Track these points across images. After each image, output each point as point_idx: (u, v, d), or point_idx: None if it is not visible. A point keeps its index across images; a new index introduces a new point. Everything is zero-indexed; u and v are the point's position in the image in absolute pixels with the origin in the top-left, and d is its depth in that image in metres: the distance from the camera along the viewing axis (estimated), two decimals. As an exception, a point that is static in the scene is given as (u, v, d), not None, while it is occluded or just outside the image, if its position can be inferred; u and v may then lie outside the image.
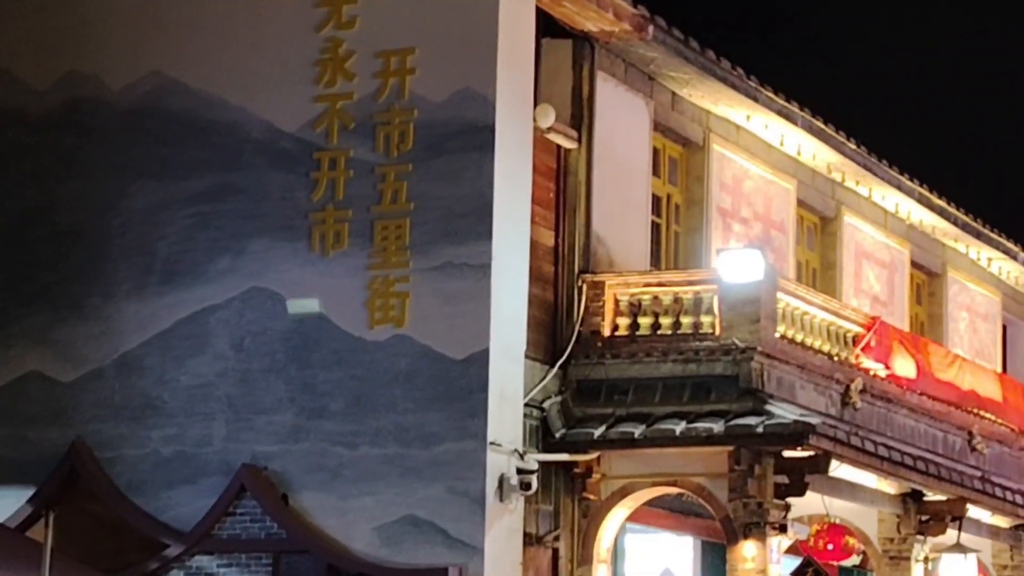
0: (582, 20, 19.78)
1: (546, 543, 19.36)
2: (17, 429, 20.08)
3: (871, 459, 20.19)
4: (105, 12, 20.42)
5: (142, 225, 20.01)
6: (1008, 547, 25.53)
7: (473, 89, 18.83)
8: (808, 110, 23.30)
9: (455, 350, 18.60)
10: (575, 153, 20.18)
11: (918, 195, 26.44)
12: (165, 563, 19.14)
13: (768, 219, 23.90)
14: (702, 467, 19.40)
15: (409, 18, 19.13)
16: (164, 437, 19.56)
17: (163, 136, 20.02)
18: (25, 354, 20.23)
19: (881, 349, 22.23)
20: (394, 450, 18.70)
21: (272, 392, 19.25)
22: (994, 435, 25.24)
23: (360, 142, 19.21)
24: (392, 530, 18.53)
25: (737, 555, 19.15)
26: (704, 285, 19.91)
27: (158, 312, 19.79)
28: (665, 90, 21.73)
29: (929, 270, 28.54)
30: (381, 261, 19.03)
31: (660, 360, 19.71)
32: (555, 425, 19.50)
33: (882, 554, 22.46)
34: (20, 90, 20.64)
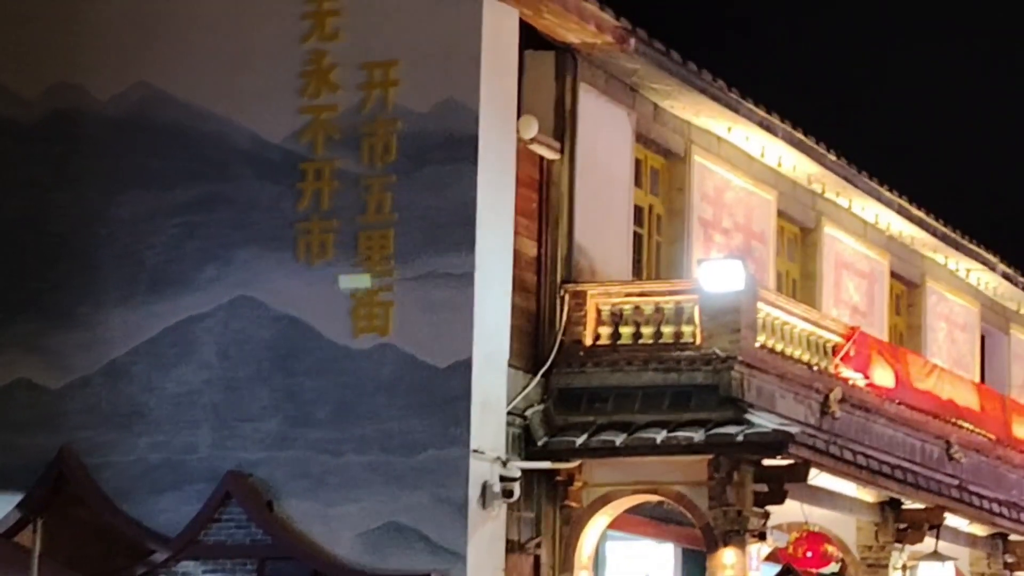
0: (564, 32, 19.80)
1: (528, 550, 19.35)
2: (6, 435, 20.06)
3: (850, 468, 20.23)
4: (92, 24, 20.42)
5: (130, 234, 20.02)
6: (985, 555, 25.54)
7: (456, 100, 18.85)
8: (789, 122, 23.32)
9: (438, 359, 18.62)
10: (558, 164, 20.20)
11: (897, 206, 26.46)
12: (152, 568, 19.13)
13: (749, 230, 23.93)
14: (682, 475, 19.39)
15: (393, 30, 19.15)
16: (151, 444, 19.56)
17: (151, 146, 20.03)
18: (14, 361, 20.23)
19: (860, 359, 22.25)
20: (378, 457, 18.71)
21: (257, 400, 19.26)
22: (972, 444, 25.27)
23: (345, 153, 19.22)
24: (376, 537, 18.53)
25: (717, 562, 19.16)
26: (685, 295, 19.93)
27: (145, 320, 19.80)
28: (647, 101, 21.75)
29: (908, 281, 28.57)
30: (365, 271, 19.03)
31: (641, 369, 19.73)
32: (537, 433, 19.50)
33: (860, 562, 22.48)
34: (9, 100, 20.64)
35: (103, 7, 20.41)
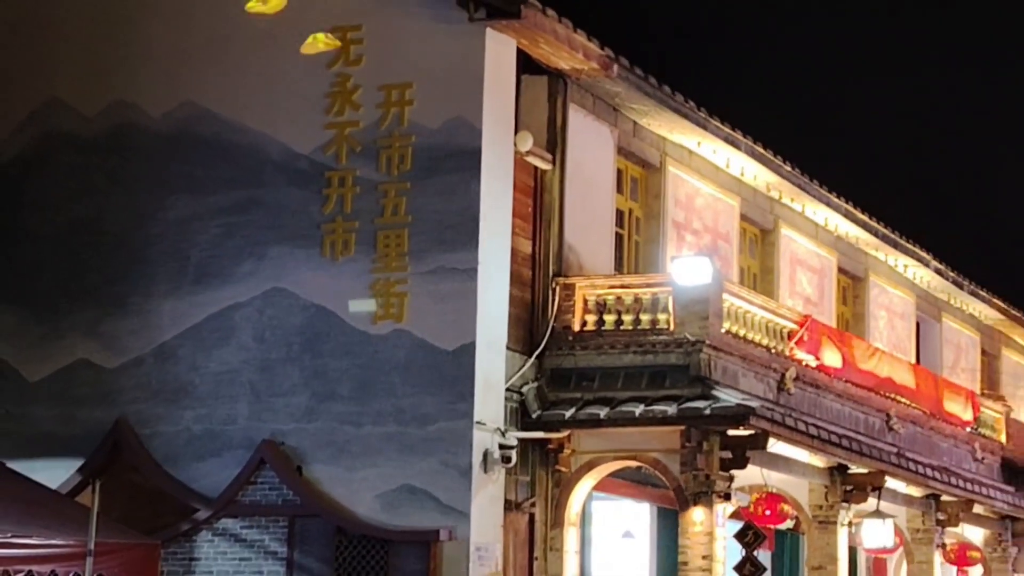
0: (556, 59, 19.81)
1: (524, 509, 19.38)
2: (68, 409, 20.07)
3: (803, 437, 20.24)
4: (145, 49, 20.42)
5: (177, 234, 20.02)
6: (920, 513, 25.55)
7: (463, 118, 18.86)
8: (750, 137, 23.33)
9: (446, 343, 18.62)
10: (550, 173, 20.20)
11: (844, 210, 26.47)
12: (195, 525, 19.15)
13: (715, 231, 23.94)
14: (658, 444, 19.42)
15: (408, 57, 19.16)
16: (195, 416, 19.57)
17: (195, 157, 20.03)
18: (75, 344, 20.23)
19: (812, 343, 22.27)
20: (393, 429, 18.72)
21: (288, 378, 19.26)
22: (908, 417, 25.31)
23: (365, 163, 19.23)
24: (391, 497, 18.55)
25: (688, 520, 19.20)
26: (660, 287, 19.95)
27: (190, 309, 19.80)
28: (627, 120, 21.76)
29: (853, 275, 28.59)
30: (383, 266, 19.04)
31: (622, 352, 19.74)
32: (532, 407, 19.52)
33: (812, 519, 22.44)
34: (72, 116, 20.63)
35: (154, 35, 20.41)
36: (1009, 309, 33.42)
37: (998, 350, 34.83)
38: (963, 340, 32.94)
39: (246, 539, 19.03)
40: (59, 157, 20.68)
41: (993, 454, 28.68)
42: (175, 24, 20.31)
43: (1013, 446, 29.60)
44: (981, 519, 27.44)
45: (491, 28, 18.92)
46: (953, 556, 27.23)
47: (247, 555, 19.02)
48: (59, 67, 20.77)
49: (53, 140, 20.71)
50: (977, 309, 32.87)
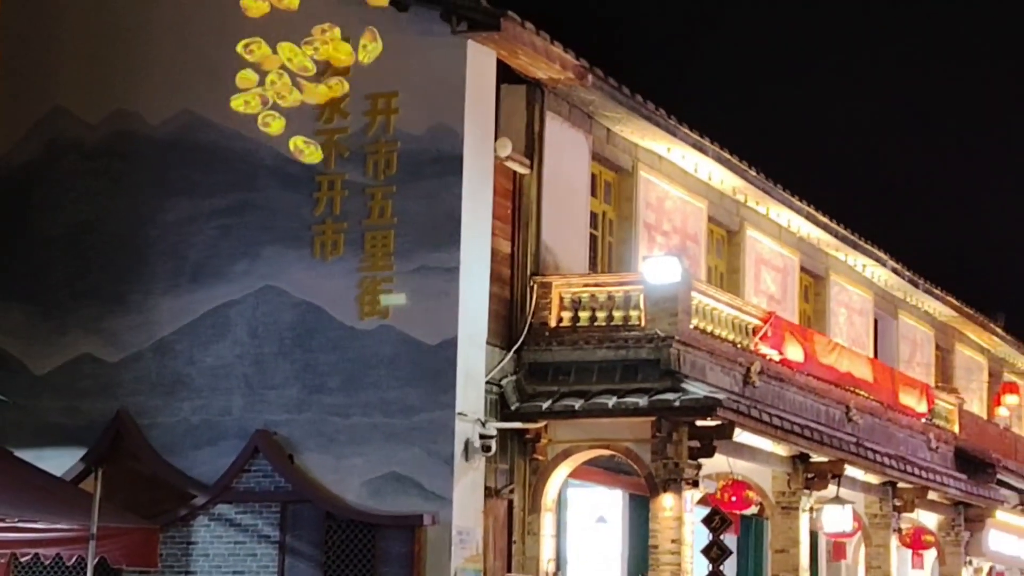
0: (534, 69, 19.84)
1: (503, 495, 19.39)
2: (72, 401, 20.08)
3: (767, 427, 20.25)
4: (145, 60, 20.41)
5: (175, 235, 20.02)
6: (878, 499, 25.55)
7: (446, 125, 18.87)
8: (718, 143, 23.33)
9: (430, 338, 18.64)
10: (528, 177, 20.22)
11: (806, 213, 26.50)
12: (193, 510, 19.15)
13: (684, 232, 23.97)
14: (630, 434, 19.43)
15: (394, 67, 19.03)
16: (192, 408, 19.58)
17: (193, 162, 20.03)
18: (79, 340, 20.23)
19: (775, 338, 22.29)
20: (380, 419, 18.73)
21: (281, 371, 19.27)
22: (866, 408, 25.32)
23: (353, 168, 19.24)
24: (378, 484, 18.56)
25: (658, 506, 19.22)
26: (632, 286, 19.95)
27: (188, 306, 19.81)
28: (601, 127, 21.77)
29: (815, 274, 28.63)
30: (370, 265, 19.05)
31: (596, 347, 19.74)
32: (511, 399, 19.52)
33: (776, 505, 22.45)
34: (76, 124, 20.62)
35: (154, 48, 20.40)
36: (962, 307, 33.48)
37: (951, 345, 34.90)
38: (918, 336, 33.00)
39: (241, 524, 19.03)
40: (64, 163, 20.67)
41: (947, 444, 28.73)
42: (174, 37, 20.30)
43: (966, 436, 29.66)
44: (935, 505, 27.46)
45: (472, 40, 18.95)
46: (909, 540, 27.31)
47: (242, 539, 19.02)
48: (64, 78, 20.76)
49: (58, 147, 20.70)
50: (932, 307, 32.92)
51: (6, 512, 16.26)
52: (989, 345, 36.67)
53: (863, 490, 24.95)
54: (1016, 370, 38.75)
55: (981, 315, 34.71)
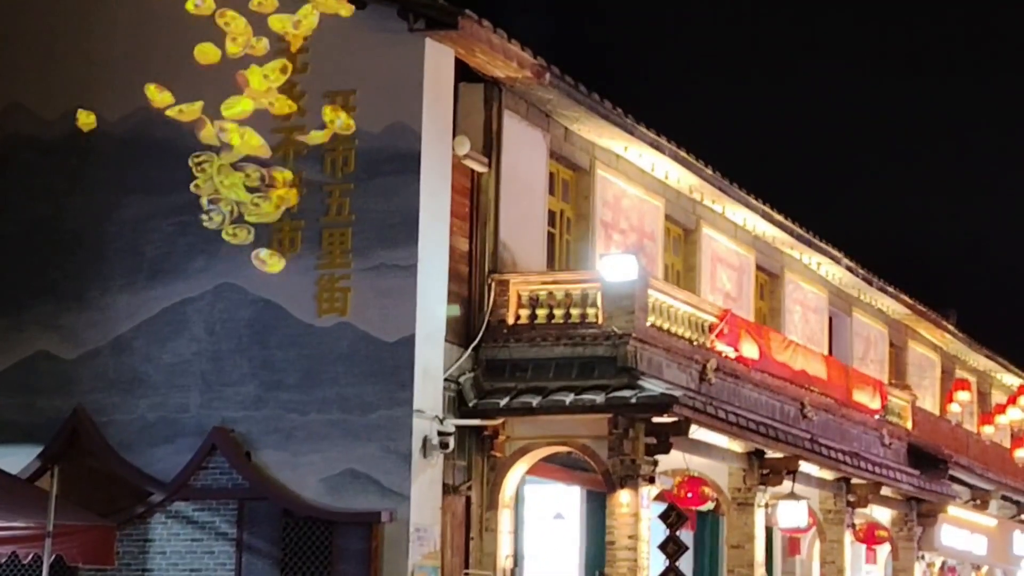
0: (492, 68, 19.76)
1: (461, 492, 19.32)
2: (28, 398, 19.87)
3: (723, 424, 20.28)
4: (103, 56, 20.23)
5: (133, 232, 19.85)
6: (832, 495, 25.65)
7: (403, 123, 18.78)
8: (674, 142, 23.33)
9: (387, 335, 18.55)
10: (486, 176, 20.14)
11: (762, 211, 26.52)
12: (150, 508, 19.01)
13: (641, 230, 23.95)
14: (587, 430, 19.41)
15: (351, 65, 19.06)
16: (149, 405, 19.41)
17: (150, 159, 19.82)
18: (35, 336, 20.02)
19: (731, 336, 22.30)
20: (337, 416, 18.63)
21: (238, 368, 19.14)
22: (821, 405, 25.39)
23: (311, 165, 19.09)
24: (335, 481, 18.46)
25: (615, 502, 19.19)
26: (589, 283, 19.91)
27: (145, 303, 19.64)
28: (559, 125, 21.72)
29: (770, 272, 28.67)
30: (328, 262, 18.95)
31: (553, 344, 19.69)
32: (468, 396, 19.46)
33: (732, 501, 22.49)
34: (32, 120, 20.41)
35: (111, 45, 20.22)
36: (915, 304, 33.63)
37: (904, 342, 35.05)
38: (872, 333, 33.11)
39: (198, 521, 18.90)
40: (20, 159, 20.46)
41: (900, 440, 28.85)
42: (132, 34, 20.12)
43: (918, 432, 29.80)
44: (889, 500, 27.58)
45: (430, 38, 18.86)
46: (862, 535, 27.43)
47: (199, 536, 18.90)
48: (20, 74, 20.54)
49: (14, 143, 20.49)
50: (885, 304, 33.05)
51: (-39, 510, 16.06)
52: (941, 342, 36.85)
53: (817, 486, 25.01)
54: (968, 367, 38.96)
55: (934, 313, 34.90)
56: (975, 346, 37.82)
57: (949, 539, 29.42)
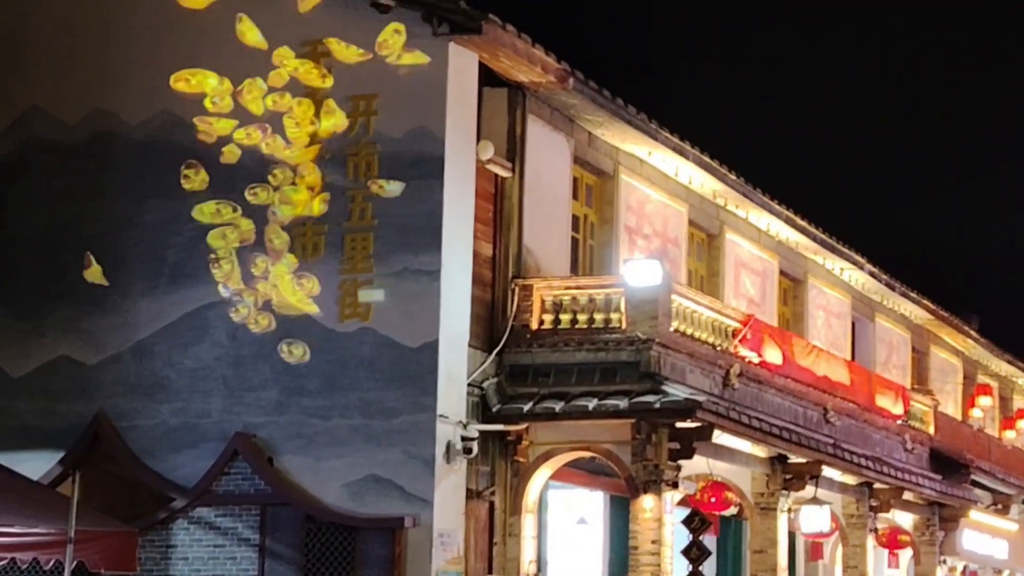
0: (516, 73, 19.63)
1: (484, 497, 19.22)
2: (49, 403, 19.76)
3: (746, 429, 20.19)
4: (124, 60, 20.11)
5: (154, 236, 19.72)
6: (855, 500, 25.56)
7: (427, 128, 18.67)
8: (698, 147, 23.23)
9: (411, 340, 18.44)
10: (509, 181, 20.02)
11: (785, 217, 26.42)
12: (172, 514, 18.92)
13: (665, 235, 23.82)
14: (610, 436, 19.29)
15: (374, 70, 18.94)
16: (171, 410, 19.30)
17: (171, 163, 19.73)
18: (56, 341, 19.91)
19: (754, 341, 22.20)
20: (360, 421, 18.53)
21: (260, 374, 19.02)
22: (844, 410, 25.29)
23: (334, 170, 19.00)
24: (358, 487, 18.35)
25: (638, 507, 19.10)
26: (613, 288, 19.82)
27: (167, 308, 19.52)
28: (583, 130, 21.60)
29: (793, 277, 28.54)
30: (350, 267, 18.83)
31: (576, 349, 19.59)
32: (492, 401, 19.35)
33: (755, 506, 22.42)
34: (53, 124, 20.29)
35: (132, 48, 20.10)
36: (937, 310, 33.50)
37: (927, 348, 34.92)
38: (895, 338, 32.97)
39: (220, 527, 18.79)
40: (41, 163, 20.35)
41: (922, 445, 28.73)
42: (152, 37, 20.00)
43: (940, 437, 29.67)
44: (911, 505, 27.48)
45: (454, 43, 18.75)
46: (885, 540, 27.28)
47: (221, 542, 18.79)
48: (41, 78, 20.44)
49: (35, 147, 20.38)
50: (908, 309, 32.93)
51: (-18, 516, 15.96)
52: (964, 348, 36.71)
53: (840, 491, 24.93)
54: (990, 372, 38.81)
55: (956, 318, 34.78)
56: (997, 351, 37.70)
57: (971, 543, 29.36)
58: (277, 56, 19.34)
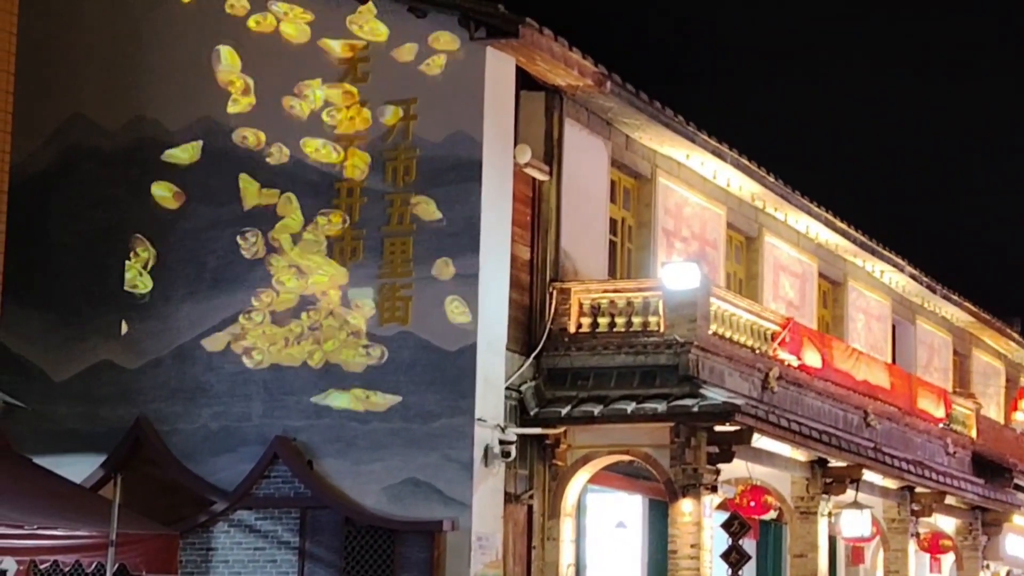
0: (553, 76, 19.69)
1: (523, 500, 19.26)
2: (91, 407, 19.94)
3: (785, 433, 20.14)
4: (165, 66, 20.28)
5: (194, 241, 19.87)
6: (896, 504, 25.43)
7: (464, 132, 18.74)
8: (736, 150, 23.22)
9: (449, 344, 18.51)
10: (547, 184, 20.08)
11: (824, 219, 26.36)
12: (212, 517, 19.05)
13: (703, 238, 23.82)
14: (649, 439, 19.29)
15: (412, 74, 19.05)
16: (212, 414, 19.44)
17: (211, 169, 19.89)
18: (98, 346, 20.09)
19: (794, 344, 22.15)
20: (399, 425, 18.60)
21: (299, 377, 19.13)
22: (884, 414, 25.20)
23: (372, 175, 19.11)
24: (397, 490, 18.44)
25: (677, 511, 19.09)
26: (651, 292, 19.82)
27: (207, 312, 19.66)
28: (620, 133, 21.64)
29: (833, 280, 28.47)
30: (389, 271, 18.92)
31: (615, 352, 19.62)
32: (530, 405, 19.40)
33: (794, 510, 22.34)
34: (95, 131, 20.49)
35: (174, 55, 20.26)
36: (979, 312, 33.34)
37: (969, 350, 34.75)
38: (936, 341, 32.83)
39: (260, 530, 18.90)
40: (83, 169, 20.53)
41: (964, 448, 28.59)
42: (192, 43, 20.16)
43: (983, 441, 29.53)
44: (953, 510, 27.34)
45: (491, 47, 18.81)
46: (926, 544, 27.19)
47: (261, 545, 18.91)
48: (83, 85, 20.63)
49: (77, 153, 20.57)
50: (949, 312, 32.78)
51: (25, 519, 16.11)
52: (1006, 350, 36.53)
53: (881, 495, 24.81)
54: (1033, 375, 38.54)
55: (998, 320, 34.60)
56: (1040, 354, 37.45)
57: (1014, 548, 29.21)
58: (318, 61, 19.49)
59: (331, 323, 19.03)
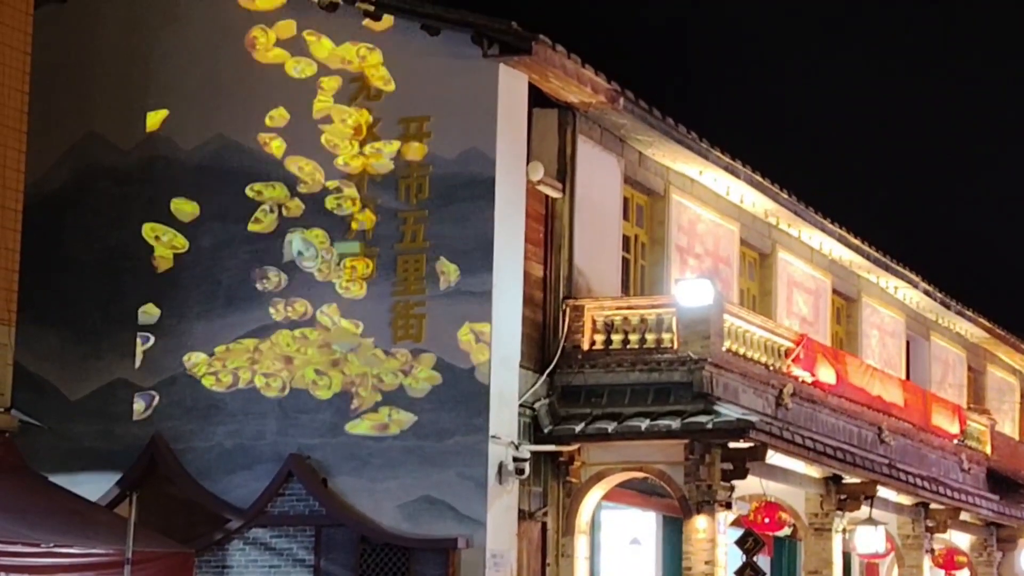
0: (566, 93, 19.75)
1: (537, 518, 19.27)
2: (107, 426, 19.98)
3: (800, 449, 20.13)
4: (178, 85, 20.36)
5: (209, 259, 19.93)
6: (910, 520, 25.43)
7: (478, 149, 18.80)
8: (749, 166, 23.23)
9: (463, 361, 18.54)
10: (560, 201, 20.12)
11: (838, 235, 26.37)
12: (228, 534, 19.08)
13: (717, 255, 23.85)
14: (663, 456, 19.31)
15: (425, 91, 19.12)
16: (226, 432, 19.47)
17: (225, 187, 19.98)
18: (113, 364, 20.15)
19: (808, 360, 22.16)
20: (413, 442, 18.63)
21: (314, 396, 19.18)
22: (899, 430, 25.19)
23: (385, 192, 19.17)
24: (412, 508, 18.46)
25: (692, 527, 19.10)
26: (665, 308, 19.84)
27: (221, 330, 19.73)
28: (633, 150, 21.67)
29: (847, 296, 28.47)
30: (403, 289, 18.97)
31: (629, 369, 19.65)
32: (544, 422, 19.42)
33: (809, 526, 22.33)
34: (109, 150, 20.56)
35: (186, 73, 20.35)
36: (994, 328, 33.31)
37: (983, 366, 34.71)
38: (950, 357, 32.80)
39: (275, 548, 18.94)
40: (98, 188, 20.60)
41: (979, 465, 28.56)
42: (206, 63, 20.25)
43: (998, 457, 29.49)
44: (968, 526, 27.31)
45: (504, 64, 18.87)
46: (941, 561, 27.11)
47: (276, 563, 18.93)
48: (97, 104, 20.71)
49: (92, 172, 20.64)
50: (963, 328, 32.75)
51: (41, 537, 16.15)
52: (1021, 366, 36.47)
53: (896, 511, 24.80)
54: (1048, 391, 38.47)
55: (1013, 336, 34.55)
56: (1055, 370, 37.39)
57: (1030, 564, 29.09)
58: (331, 79, 19.57)
59: (344, 341, 19.07)
